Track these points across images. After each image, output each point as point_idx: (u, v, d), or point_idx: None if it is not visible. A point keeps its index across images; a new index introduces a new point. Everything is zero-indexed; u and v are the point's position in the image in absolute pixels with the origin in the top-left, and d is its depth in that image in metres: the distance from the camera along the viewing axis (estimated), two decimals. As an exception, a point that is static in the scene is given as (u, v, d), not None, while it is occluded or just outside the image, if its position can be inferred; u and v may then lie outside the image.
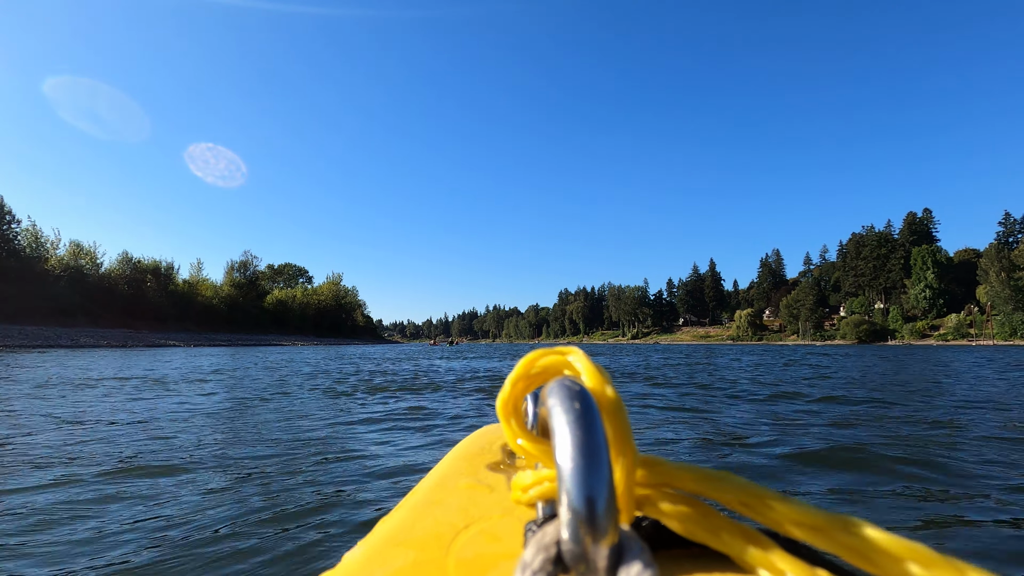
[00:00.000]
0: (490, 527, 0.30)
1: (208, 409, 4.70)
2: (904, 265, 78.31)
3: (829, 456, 2.79)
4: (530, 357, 0.26)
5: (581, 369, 0.24)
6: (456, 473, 0.40)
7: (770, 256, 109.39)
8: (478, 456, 0.44)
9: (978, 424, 3.88)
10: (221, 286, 73.81)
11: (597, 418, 0.21)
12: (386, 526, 0.33)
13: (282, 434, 3.50)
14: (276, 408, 4.83)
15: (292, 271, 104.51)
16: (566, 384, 0.22)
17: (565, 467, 0.20)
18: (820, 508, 0.20)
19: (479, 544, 0.28)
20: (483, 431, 0.53)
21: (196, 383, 7.31)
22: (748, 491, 0.21)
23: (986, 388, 6.78)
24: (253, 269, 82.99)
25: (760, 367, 12.07)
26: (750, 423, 3.96)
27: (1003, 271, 63.28)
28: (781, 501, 0.20)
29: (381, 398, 5.64)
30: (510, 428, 0.27)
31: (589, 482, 0.19)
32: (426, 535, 0.30)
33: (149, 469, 2.56)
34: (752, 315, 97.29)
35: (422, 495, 0.37)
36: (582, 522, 0.19)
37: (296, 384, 7.29)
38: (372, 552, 0.29)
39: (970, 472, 2.51)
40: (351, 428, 3.76)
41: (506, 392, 0.27)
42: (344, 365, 12.61)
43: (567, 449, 0.20)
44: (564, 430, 0.20)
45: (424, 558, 0.27)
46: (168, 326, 56.14)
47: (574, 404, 0.21)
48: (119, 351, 25.99)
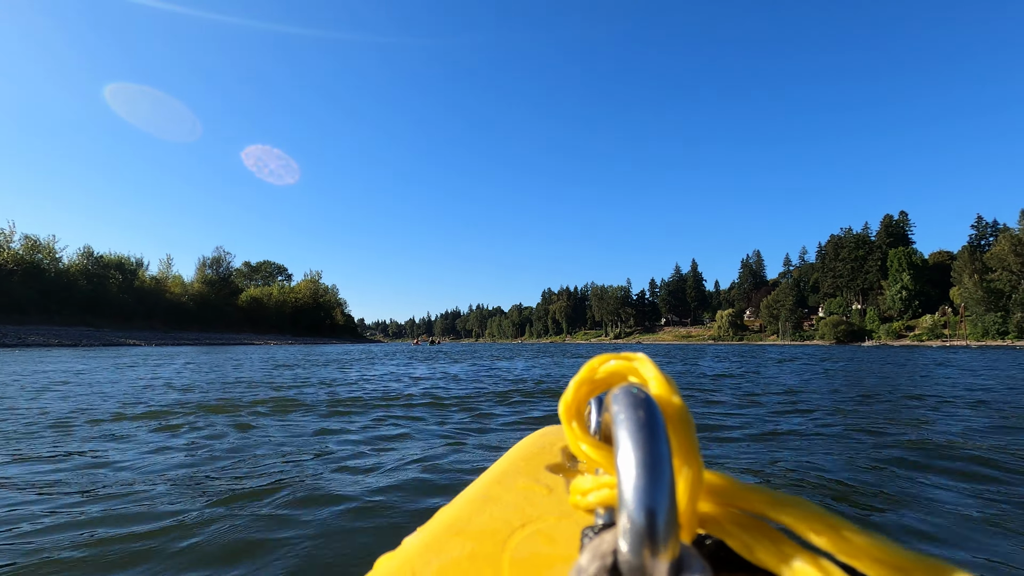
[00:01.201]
0: (546, 528, 0.30)
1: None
2: (881, 267, 79.48)
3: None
4: (595, 361, 0.26)
5: (648, 376, 0.24)
6: (515, 471, 0.40)
7: (751, 257, 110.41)
8: (538, 456, 0.44)
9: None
10: (191, 283, 71.10)
11: (662, 428, 0.20)
12: (444, 516, 0.33)
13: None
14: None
15: (270, 269, 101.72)
16: (631, 391, 0.22)
17: (626, 476, 0.19)
18: (905, 546, 0.18)
19: (535, 544, 0.28)
20: (544, 432, 0.52)
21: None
22: (823, 520, 0.20)
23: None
24: (226, 266, 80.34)
25: (809, 371, 10.98)
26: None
27: (976, 273, 64.52)
28: (860, 535, 0.19)
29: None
30: (572, 431, 0.26)
31: (650, 493, 0.19)
32: (483, 529, 0.30)
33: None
34: (733, 315, 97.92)
35: (480, 490, 0.37)
36: (641, 534, 0.18)
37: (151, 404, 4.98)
38: (430, 539, 0.29)
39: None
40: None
41: (570, 395, 0.26)
42: (297, 371, 11.29)
43: (629, 458, 0.19)
44: (627, 438, 0.20)
45: (480, 551, 0.27)
46: (132, 324, 53.58)
47: (639, 412, 0.20)
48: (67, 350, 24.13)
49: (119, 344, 37.04)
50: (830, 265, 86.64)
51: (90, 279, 53.64)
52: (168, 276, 69.63)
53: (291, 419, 4.19)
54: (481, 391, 6.42)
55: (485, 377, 8.91)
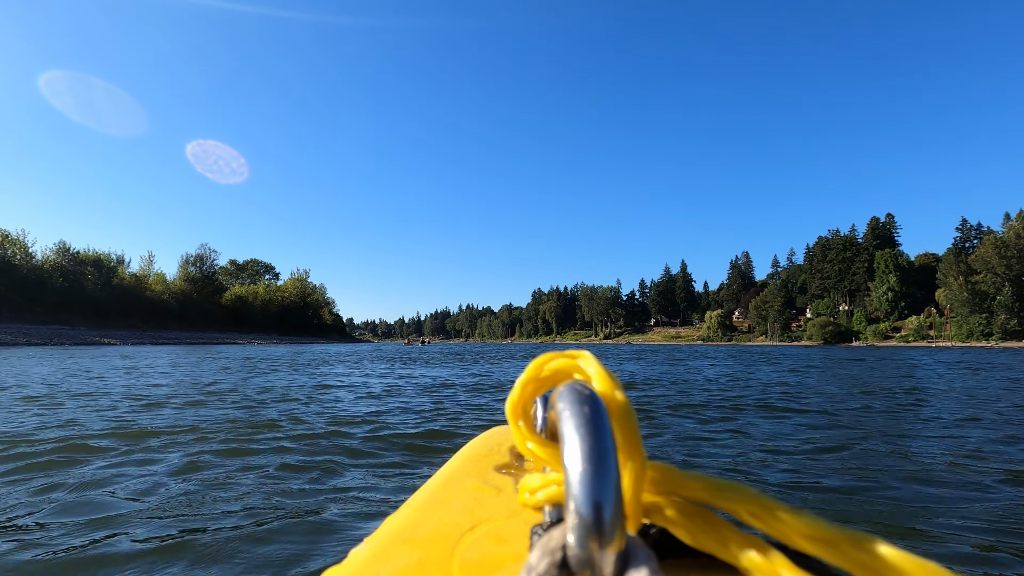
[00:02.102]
0: (496, 529, 0.30)
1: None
2: (868, 268, 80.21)
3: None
4: (540, 360, 0.26)
5: (591, 373, 0.24)
6: (463, 474, 0.40)
7: (739, 258, 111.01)
8: (486, 457, 0.43)
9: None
10: (173, 281, 69.39)
11: (606, 423, 0.21)
12: (392, 524, 0.32)
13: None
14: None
15: (257, 267, 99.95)
16: (576, 388, 0.22)
17: (573, 471, 0.19)
18: (832, 523, 0.19)
19: (484, 545, 0.28)
20: (491, 432, 0.52)
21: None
22: (758, 502, 0.21)
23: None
24: (210, 263, 78.64)
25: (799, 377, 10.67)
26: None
27: (961, 275, 65.25)
28: (792, 514, 0.20)
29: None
30: (519, 431, 0.26)
31: (597, 487, 0.19)
32: (432, 535, 0.29)
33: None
34: (722, 316, 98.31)
35: (429, 494, 0.37)
36: (589, 527, 0.19)
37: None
38: (378, 549, 0.29)
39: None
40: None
41: (516, 395, 0.27)
42: (266, 377, 10.51)
43: (576, 453, 0.20)
44: (573, 434, 0.20)
45: (429, 557, 0.27)
46: (110, 323, 51.99)
47: (583, 408, 0.21)
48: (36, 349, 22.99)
49: (93, 343, 35.72)
50: (818, 266, 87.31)
51: (65, 276, 51.90)
52: (149, 274, 67.90)
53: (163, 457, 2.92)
54: (451, 424, 4.25)
55: (461, 392, 6.78)
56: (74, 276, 52.43)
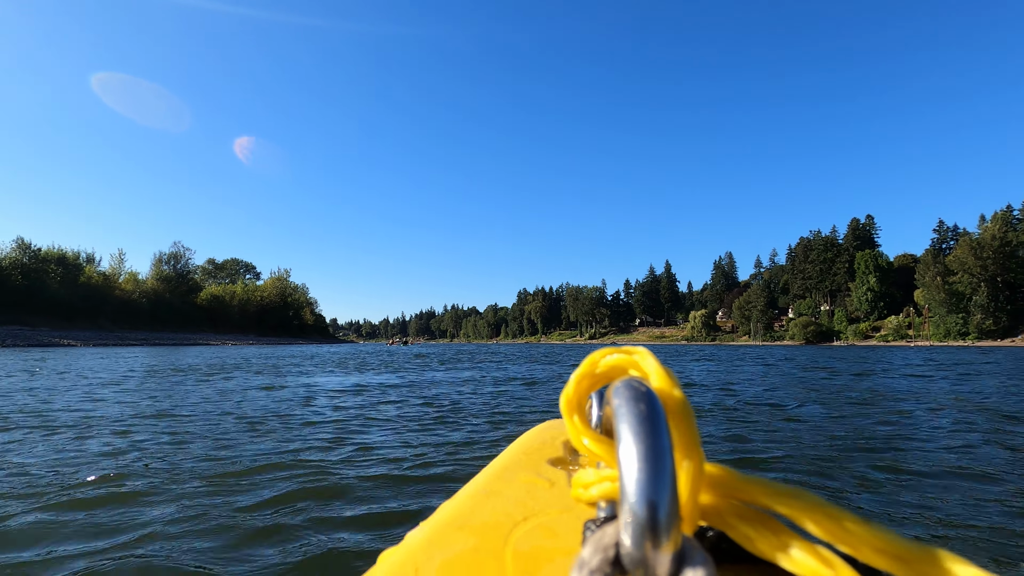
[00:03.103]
0: (548, 521, 0.30)
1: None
2: (848, 269, 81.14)
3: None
4: (595, 356, 0.26)
5: (648, 370, 0.24)
6: (516, 466, 0.40)
7: (723, 259, 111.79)
8: (539, 450, 0.44)
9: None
10: (145, 280, 66.88)
11: (663, 421, 0.20)
12: (447, 510, 0.33)
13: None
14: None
15: (236, 267, 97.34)
16: (632, 385, 0.22)
17: (628, 469, 0.19)
18: (905, 536, 0.18)
19: (537, 537, 0.28)
20: (545, 426, 0.52)
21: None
22: (823, 511, 0.20)
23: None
24: (185, 262, 76.08)
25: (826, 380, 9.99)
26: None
27: (938, 276, 66.29)
28: (860, 525, 0.19)
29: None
30: (573, 425, 0.26)
31: (652, 486, 0.19)
32: (486, 523, 0.30)
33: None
34: (706, 316, 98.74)
35: (483, 484, 0.37)
36: (643, 526, 0.18)
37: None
38: (433, 534, 0.29)
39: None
40: None
41: (570, 390, 0.26)
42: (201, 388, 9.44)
43: (631, 451, 0.19)
44: (628, 431, 0.20)
45: (484, 545, 0.27)
46: (75, 323, 49.67)
47: (640, 405, 0.20)
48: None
49: (53, 344, 33.85)
50: (800, 267, 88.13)
51: (25, 274, 49.45)
52: (121, 273, 65.31)
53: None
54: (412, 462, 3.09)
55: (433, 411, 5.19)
56: (35, 274, 49.95)
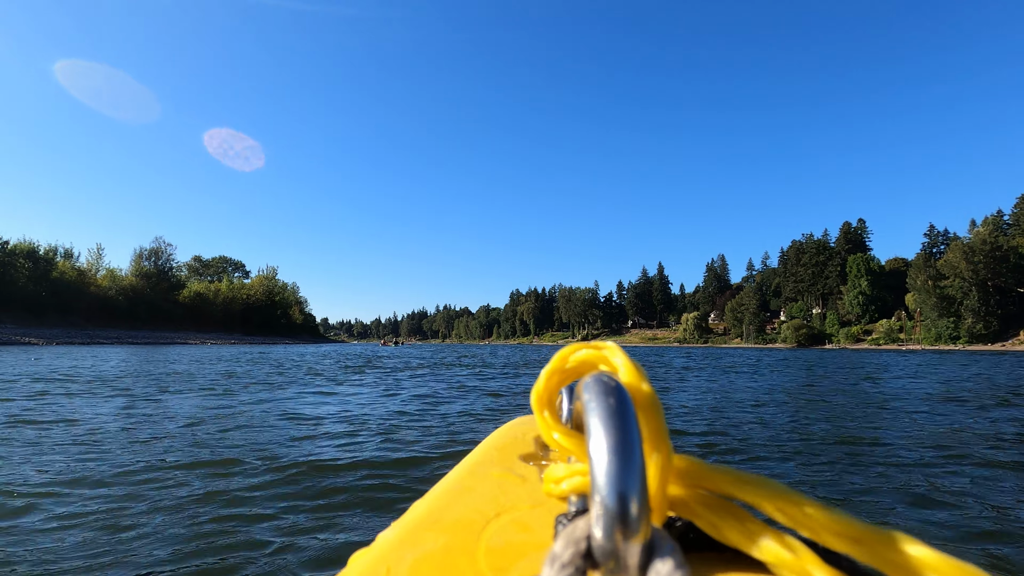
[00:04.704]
0: (521, 517, 0.30)
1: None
2: (840, 272, 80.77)
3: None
4: (565, 351, 0.26)
5: (618, 364, 0.24)
6: (489, 462, 0.40)
7: (715, 261, 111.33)
8: (511, 446, 0.44)
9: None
10: (123, 276, 65.01)
11: (632, 414, 0.21)
12: (419, 509, 0.33)
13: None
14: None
15: (224, 264, 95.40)
16: (602, 379, 0.22)
17: (598, 462, 0.19)
18: (864, 520, 0.19)
19: (509, 533, 0.28)
20: (517, 422, 0.52)
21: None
22: (786, 497, 0.20)
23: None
24: (166, 258, 74.21)
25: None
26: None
27: (929, 280, 65.93)
28: (821, 510, 0.20)
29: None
30: (544, 420, 0.27)
31: (622, 479, 0.19)
32: (458, 521, 0.30)
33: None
34: (698, 318, 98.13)
35: (455, 482, 0.37)
36: (614, 518, 0.19)
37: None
38: (405, 533, 0.29)
39: None
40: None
41: (541, 385, 0.27)
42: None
43: (601, 444, 0.20)
44: (598, 425, 0.20)
45: (455, 543, 0.27)
46: (45, 320, 47.90)
47: (609, 400, 0.21)
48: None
49: (11, 343, 32.30)
50: (792, 270, 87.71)
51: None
52: (98, 268, 63.45)
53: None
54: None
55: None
56: (1, 268, 48.14)
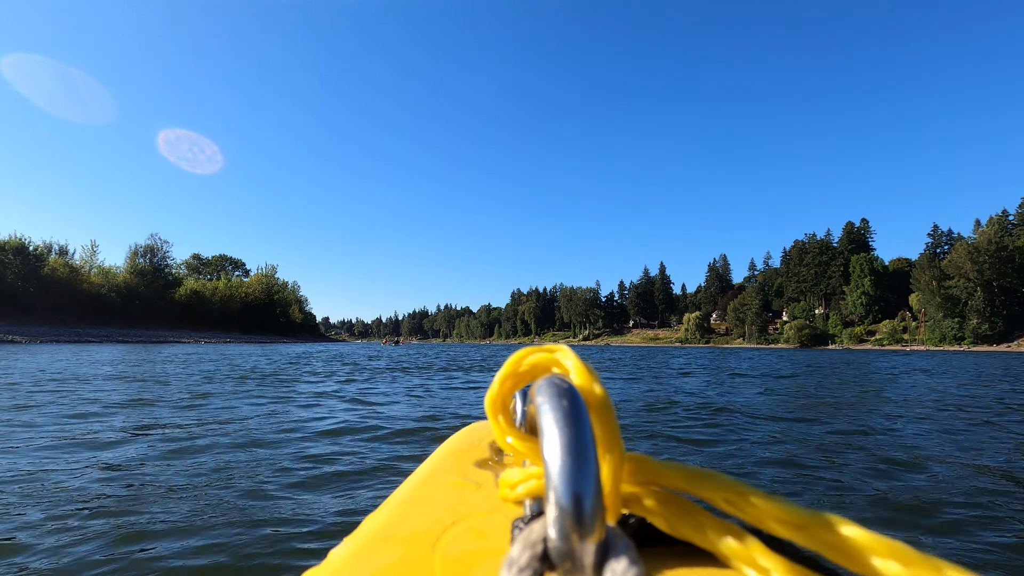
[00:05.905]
0: (477, 524, 0.30)
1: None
2: (843, 272, 79.75)
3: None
4: (518, 355, 0.26)
5: (570, 367, 0.24)
6: (444, 470, 0.40)
7: (717, 261, 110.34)
8: (466, 453, 0.43)
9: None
10: (116, 273, 64.43)
11: (585, 416, 0.21)
12: (372, 523, 0.32)
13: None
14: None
15: (223, 263, 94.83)
16: (554, 382, 0.22)
17: (553, 464, 0.20)
18: (802, 506, 0.20)
19: (466, 541, 0.28)
20: (471, 428, 0.52)
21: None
22: (733, 489, 0.21)
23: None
24: (162, 255, 73.64)
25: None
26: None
27: (933, 280, 64.88)
28: (764, 499, 0.20)
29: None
30: (498, 425, 0.26)
31: (576, 479, 0.19)
32: (413, 532, 0.29)
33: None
34: (700, 318, 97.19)
35: (409, 492, 0.37)
36: (569, 519, 0.19)
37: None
38: (358, 549, 0.29)
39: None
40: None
41: (494, 390, 0.26)
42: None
43: (555, 446, 0.20)
44: (552, 427, 0.20)
45: (411, 555, 0.27)
46: (34, 317, 47.32)
47: (562, 402, 0.21)
48: None
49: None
50: (794, 270, 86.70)
51: (-23, 263, 47.14)
52: (92, 265, 62.88)
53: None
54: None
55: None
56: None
